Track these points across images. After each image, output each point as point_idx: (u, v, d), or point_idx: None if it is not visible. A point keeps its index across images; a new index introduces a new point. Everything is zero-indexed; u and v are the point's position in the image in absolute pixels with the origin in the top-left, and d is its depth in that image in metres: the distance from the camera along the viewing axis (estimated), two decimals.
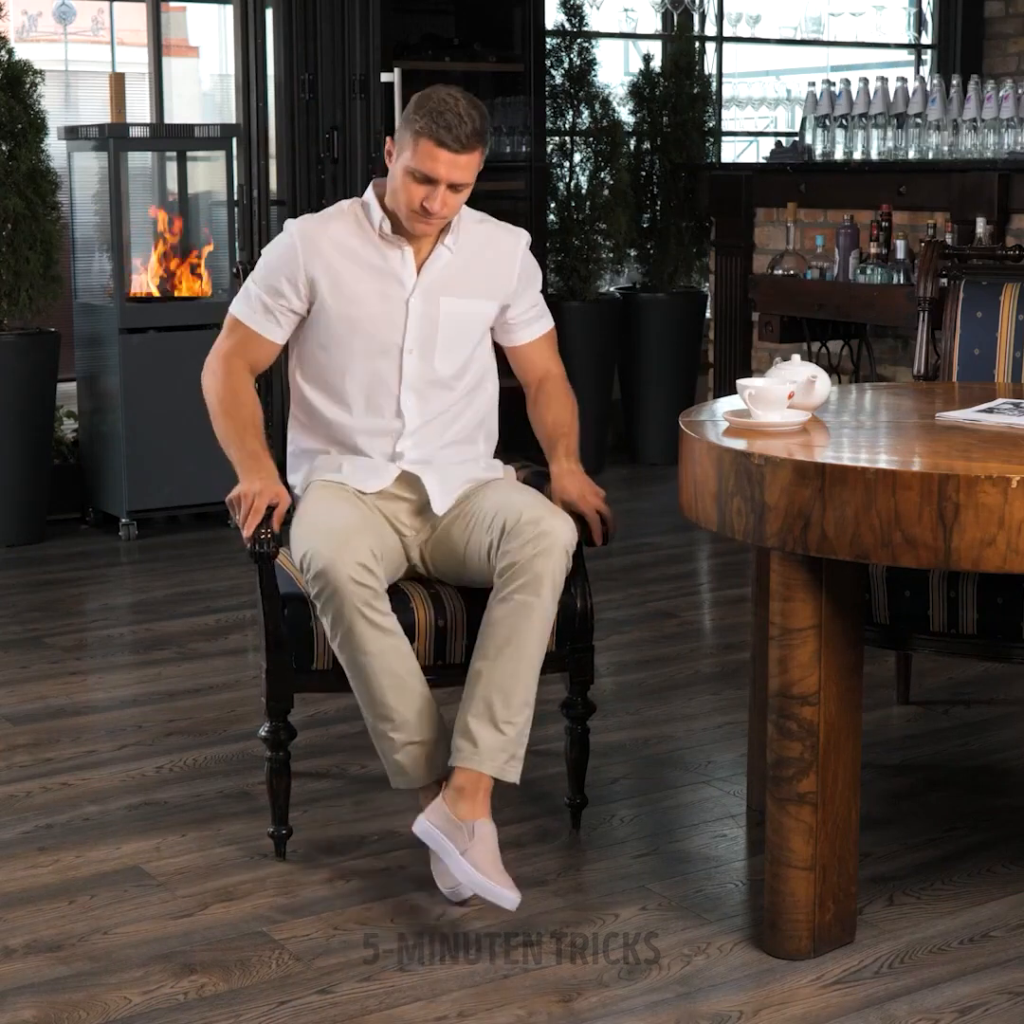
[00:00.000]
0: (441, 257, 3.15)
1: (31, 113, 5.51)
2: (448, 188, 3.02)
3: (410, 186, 3.02)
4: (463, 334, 3.18)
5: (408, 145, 3.01)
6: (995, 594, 2.97)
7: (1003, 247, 3.80)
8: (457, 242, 3.16)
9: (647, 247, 7.15)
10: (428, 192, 3.01)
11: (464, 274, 3.17)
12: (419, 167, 3.00)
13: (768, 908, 2.78)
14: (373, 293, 3.13)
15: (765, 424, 2.82)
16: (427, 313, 3.14)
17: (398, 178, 3.04)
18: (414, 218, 3.06)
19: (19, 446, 5.54)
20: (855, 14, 8.23)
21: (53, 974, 2.72)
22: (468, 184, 3.05)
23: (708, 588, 5.30)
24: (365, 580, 2.91)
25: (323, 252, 3.12)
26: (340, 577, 2.89)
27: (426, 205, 3.02)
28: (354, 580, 2.89)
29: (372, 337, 3.13)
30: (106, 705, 4.07)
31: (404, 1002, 2.63)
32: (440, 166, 2.99)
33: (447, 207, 3.04)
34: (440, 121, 3.00)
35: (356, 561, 2.90)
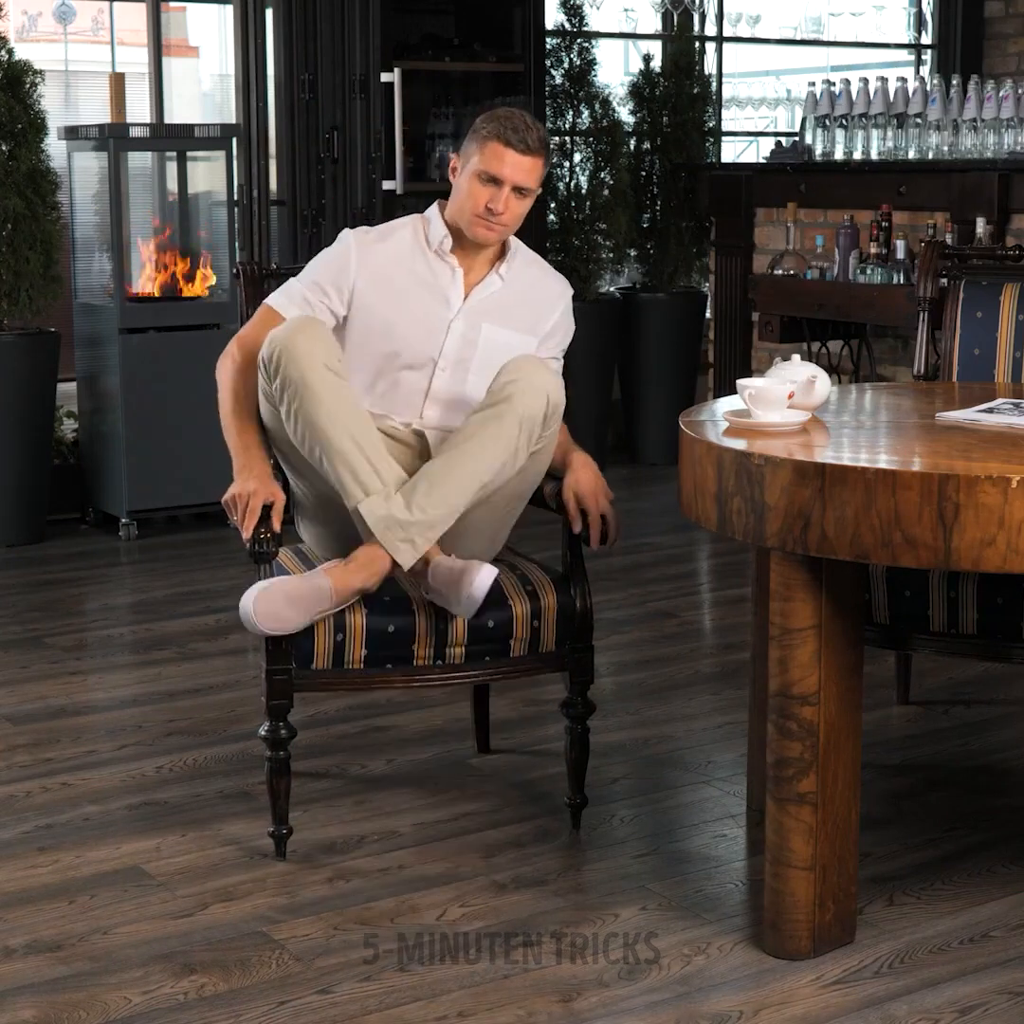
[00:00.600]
0: (492, 284, 3.25)
1: (31, 113, 5.51)
2: (513, 192, 3.13)
3: (476, 189, 3.14)
4: (499, 363, 3.20)
5: (475, 151, 3.15)
6: (995, 594, 2.97)
7: (1003, 247, 3.80)
8: (509, 273, 3.26)
9: (647, 247, 7.15)
10: (493, 193, 3.13)
11: (509, 306, 3.26)
12: (486, 168, 3.13)
13: (768, 908, 2.78)
14: (418, 305, 3.21)
15: (765, 424, 2.82)
16: (467, 335, 3.22)
17: (464, 185, 3.17)
18: (477, 223, 3.15)
19: (19, 446, 5.54)
20: (855, 14, 8.23)
21: (53, 974, 2.72)
22: (532, 191, 3.17)
23: (708, 588, 5.30)
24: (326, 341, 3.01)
25: (375, 263, 3.21)
26: (297, 338, 2.98)
27: (491, 206, 3.13)
28: (312, 340, 2.98)
29: (408, 347, 3.20)
30: (106, 705, 4.07)
31: (404, 1002, 2.63)
32: (506, 166, 3.12)
33: (510, 212, 3.15)
34: (508, 124, 3.14)
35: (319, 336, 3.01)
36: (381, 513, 2.98)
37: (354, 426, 3.01)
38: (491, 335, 3.23)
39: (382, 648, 3.05)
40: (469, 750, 3.67)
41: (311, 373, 2.98)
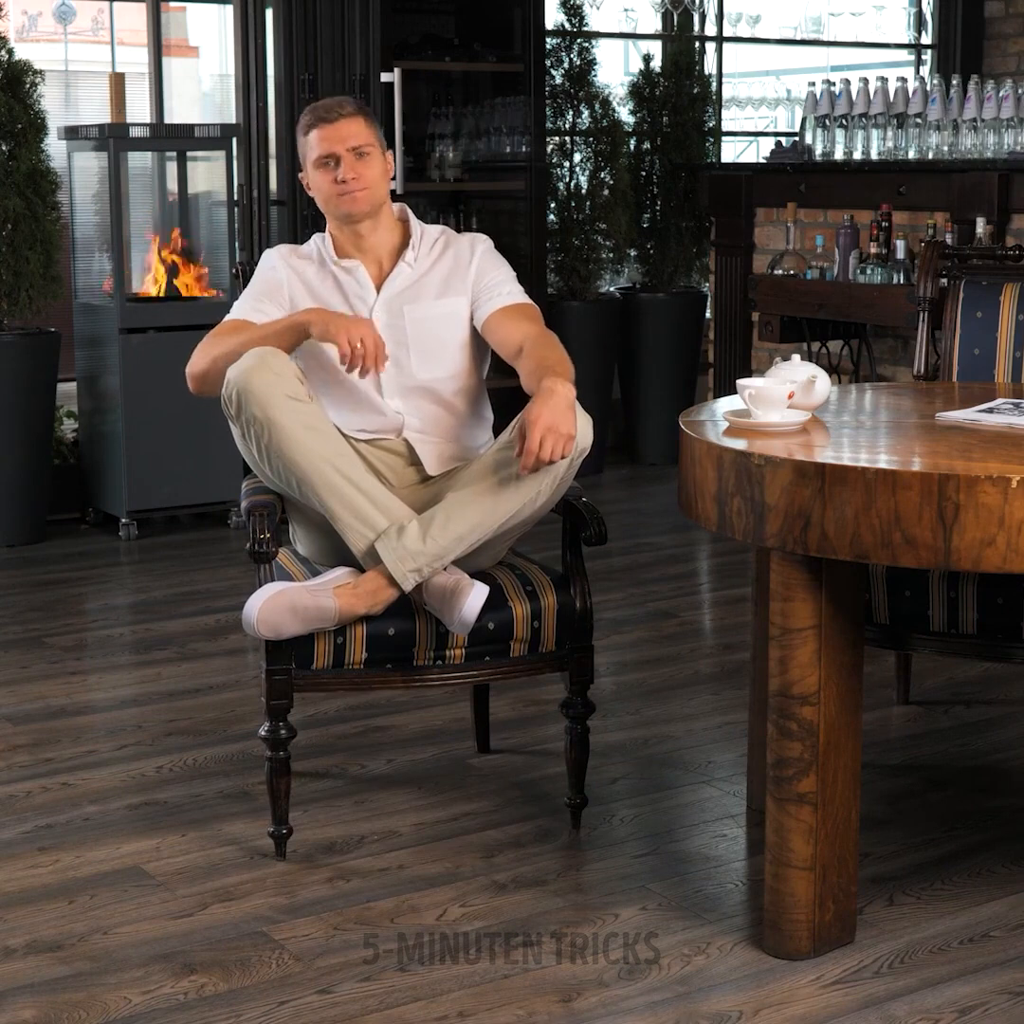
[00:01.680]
0: (402, 273, 3.26)
1: (31, 113, 5.51)
2: (352, 155, 3.18)
3: (321, 176, 3.22)
4: (435, 339, 3.24)
5: (306, 151, 3.24)
6: (995, 594, 2.97)
7: (1003, 247, 3.80)
8: (417, 259, 3.28)
9: (647, 247, 7.15)
10: (335, 170, 3.19)
11: (423, 282, 3.27)
12: (319, 152, 3.21)
13: (768, 908, 2.78)
14: (340, 308, 3.22)
15: (765, 424, 2.82)
16: (392, 323, 3.22)
17: (315, 181, 3.24)
18: (340, 201, 3.21)
19: (19, 446, 5.54)
20: (855, 14, 8.23)
21: (53, 974, 2.72)
22: (369, 146, 3.21)
23: (708, 588, 5.30)
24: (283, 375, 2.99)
25: (298, 275, 3.27)
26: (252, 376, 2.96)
27: (339, 178, 3.18)
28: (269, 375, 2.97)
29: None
30: (106, 705, 4.07)
31: (404, 1002, 2.63)
32: (331, 142, 3.20)
33: (360, 175, 3.19)
34: (316, 111, 3.24)
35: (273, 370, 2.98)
36: (394, 548, 2.98)
37: (334, 456, 3.01)
38: (414, 314, 3.24)
39: (382, 651, 3.05)
40: (469, 750, 3.68)
41: (273, 409, 2.97)
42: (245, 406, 2.98)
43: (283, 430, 2.98)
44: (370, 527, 3.01)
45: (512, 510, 3.02)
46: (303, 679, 3.05)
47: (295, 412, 2.98)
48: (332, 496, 3.00)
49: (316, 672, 3.05)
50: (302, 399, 3.01)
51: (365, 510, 3.01)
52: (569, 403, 2.94)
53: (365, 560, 3.02)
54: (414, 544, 2.98)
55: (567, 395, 2.95)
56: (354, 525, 3.01)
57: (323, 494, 3.01)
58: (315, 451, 2.99)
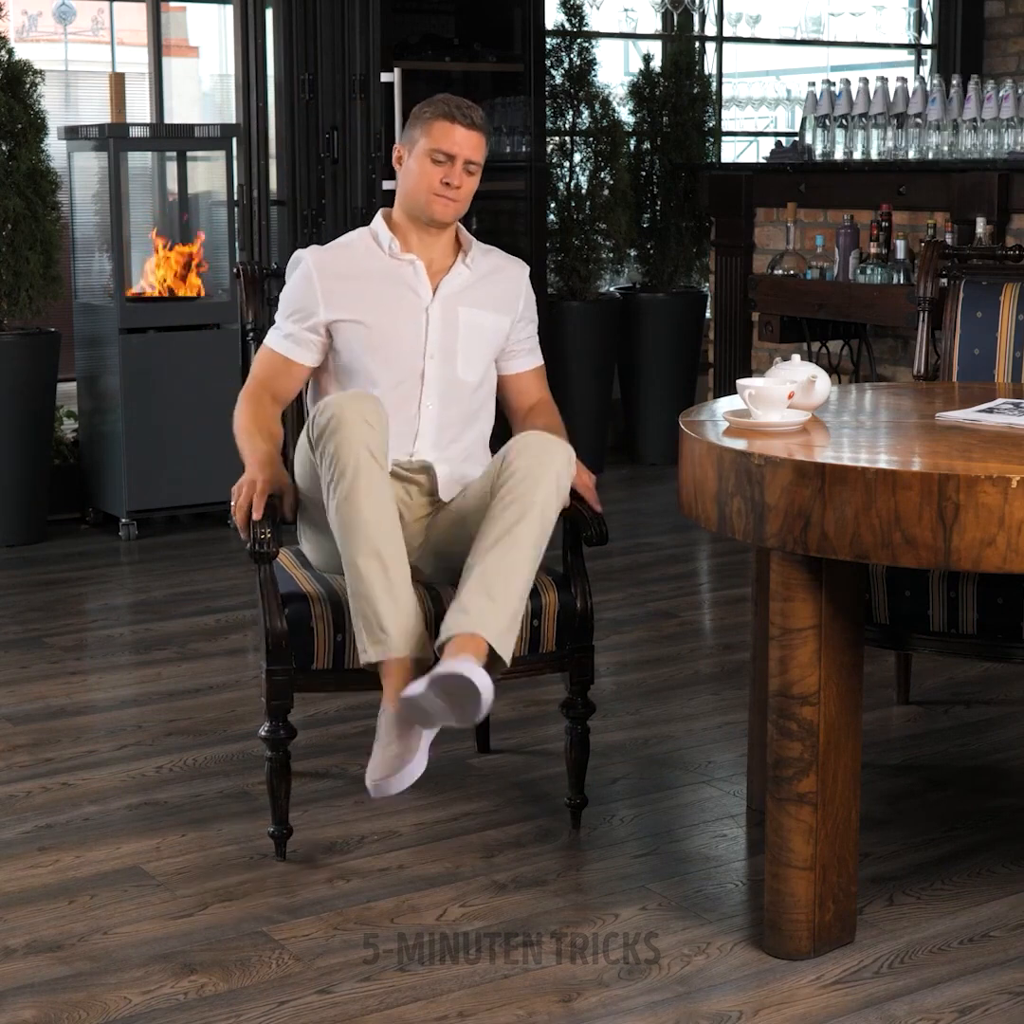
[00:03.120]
0: (460, 274, 3.30)
1: (31, 113, 5.51)
2: (464, 166, 3.21)
3: (429, 168, 3.21)
4: (481, 345, 3.30)
5: (422, 134, 3.22)
6: (995, 594, 2.97)
7: (1003, 247, 3.80)
8: (474, 263, 3.32)
9: (647, 247, 7.15)
10: (447, 170, 3.21)
11: (479, 290, 3.31)
12: (437, 146, 3.20)
13: (768, 908, 2.78)
14: (391, 304, 3.25)
15: (765, 424, 2.82)
16: (446, 319, 3.26)
17: (415, 167, 3.23)
18: (435, 200, 3.21)
19: (19, 446, 5.54)
20: (855, 14, 8.23)
21: (53, 974, 2.72)
22: (479, 166, 3.25)
23: (708, 588, 5.30)
24: (375, 425, 2.98)
25: (336, 272, 3.25)
26: (349, 411, 2.96)
27: (447, 180, 3.20)
28: (365, 420, 2.96)
29: (393, 346, 3.23)
30: (106, 705, 4.07)
31: (404, 1002, 2.63)
32: (456, 142, 3.20)
33: (464, 187, 3.22)
34: (451, 103, 3.26)
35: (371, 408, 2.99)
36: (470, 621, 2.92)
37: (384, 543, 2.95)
38: (469, 317, 3.28)
39: None
40: (469, 750, 3.68)
41: (357, 460, 2.94)
42: (334, 446, 2.96)
43: (356, 493, 2.95)
44: (375, 640, 2.94)
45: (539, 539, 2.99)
46: (303, 679, 3.05)
47: (370, 478, 2.95)
48: (360, 583, 2.95)
49: (316, 672, 3.05)
50: (380, 459, 2.98)
51: (379, 620, 2.93)
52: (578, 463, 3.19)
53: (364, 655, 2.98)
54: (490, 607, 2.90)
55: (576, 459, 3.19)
56: (361, 630, 2.96)
57: (354, 573, 2.96)
58: (369, 530, 2.95)
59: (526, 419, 3.39)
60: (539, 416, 3.38)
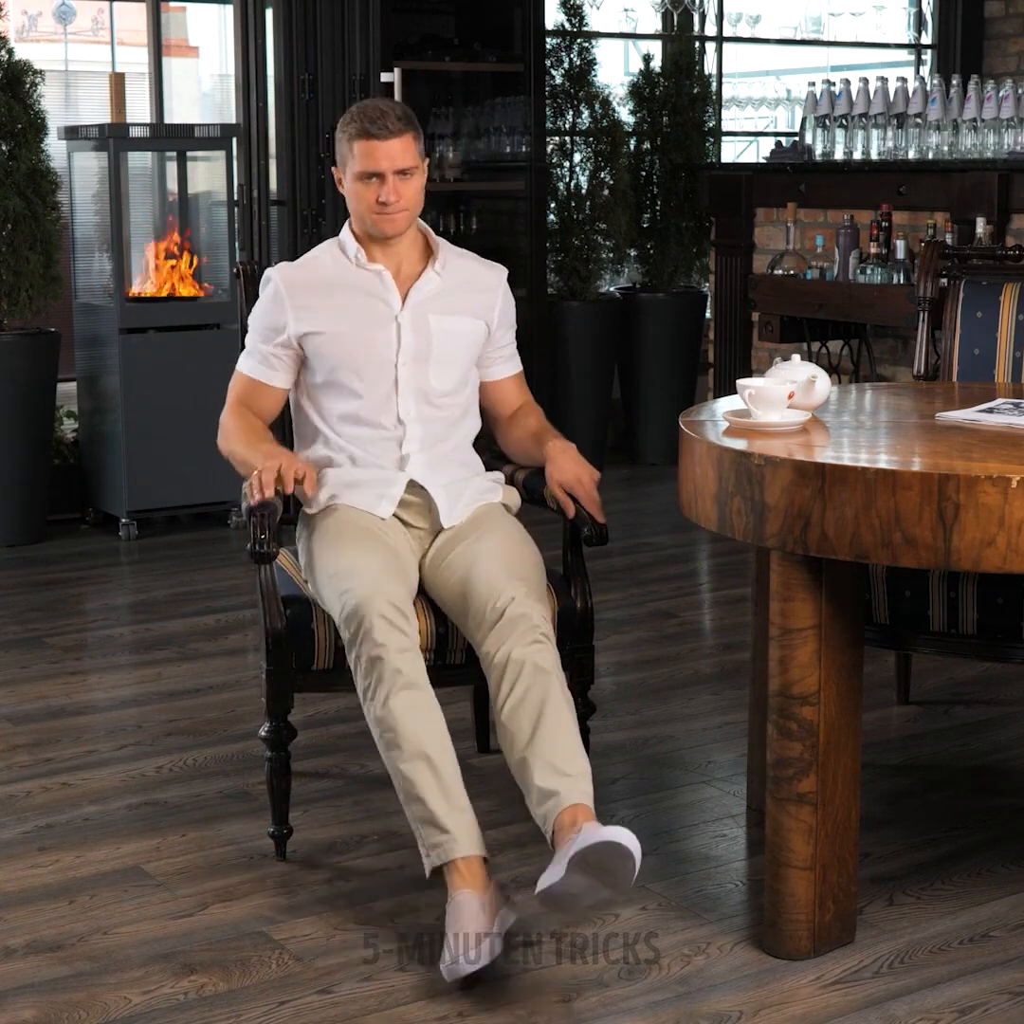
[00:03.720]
0: (430, 281, 3.25)
1: (31, 113, 5.51)
2: (396, 176, 3.14)
3: (362, 190, 3.16)
4: (457, 351, 3.24)
5: (347, 156, 3.18)
6: (995, 594, 2.97)
7: (1003, 247, 3.80)
8: (445, 268, 3.27)
9: (647, 247, 7.15)
10: (378, 188, 3.15)
11: (451, 296, 3.26)
12: (363, 168, 3.15)
13: (768, 908, 2.78)
14: (361, 315, 3.21)
15: (765, 424, 2.82)
16: (417, 327, 3.21)
17: (351, 190, 3.19)
18: (378, 220, 3.17)
19: (19, 446, 5.54)
20: (855, 14, 8.22)
21: (53, 974, 2.72)
22: (414, 168, 3.17)
23: (708, 588, 5.30)
24: (400, 625, 2.87)
25: (307, 290, 3.22)
26: (374, 617, 2.85)
27: (382, 200, 3.14)
28: (389, 622, 2.85)
29: (364, 356, 3.19)
30: (106, 705, 4.07)
31: (404, 1002, 2.63)
32: (379, 159, 3.13)
33: (402, 196, 3.16)
34: (365, 118, 3.14)
35: (389, 602, 2.88)
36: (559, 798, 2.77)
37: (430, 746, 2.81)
38: (441, 324, 3.23)
39: None
40: (469, 750, 3.67)
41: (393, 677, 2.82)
42: (360, 650, 2.86)
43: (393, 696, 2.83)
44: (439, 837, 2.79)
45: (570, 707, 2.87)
46: (303, 679, 3.05)
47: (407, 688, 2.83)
48: (409, 786, 2.82)
49: (316, 672, 3.05)
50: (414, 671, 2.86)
51: (437, 821, 2.80)
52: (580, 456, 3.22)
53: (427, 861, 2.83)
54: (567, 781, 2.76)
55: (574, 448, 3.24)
56: (425, 834, 2.81)
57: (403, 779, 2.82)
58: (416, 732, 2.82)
59: (511, 422, 3.35)
60: (526, 416, 3.35)
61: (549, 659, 2.87)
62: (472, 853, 2.77)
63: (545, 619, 2.93)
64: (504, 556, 3.04)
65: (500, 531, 3.12)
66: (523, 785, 2.80)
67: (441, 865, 2.77)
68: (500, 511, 3.21)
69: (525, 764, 2.80)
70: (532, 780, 2.77)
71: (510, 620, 2.88)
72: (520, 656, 2.85)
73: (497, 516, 3.18)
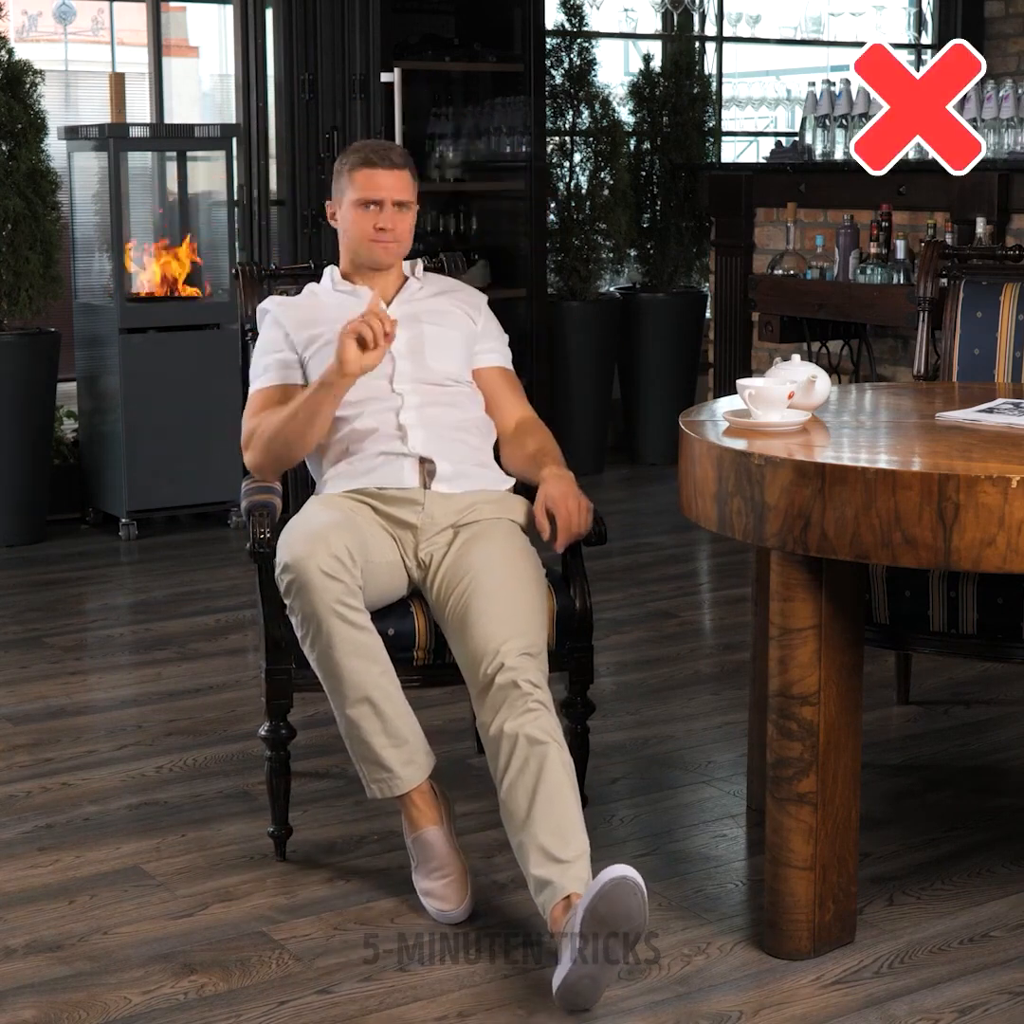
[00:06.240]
0: (410, 287, 3.31)
1: (31, 113, 5.51)
2: (394, 207, 3.21)
3: (359, 217, 3.22)
4: (450, 348, 3.26)
5: (347, 185, 3.24)
6: (995, 594, 2.97)
7: (1003, 247, 3.80)
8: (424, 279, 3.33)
9: (647, 247, 7.15)
10: (377, 216, 3.21)
11: (437, 296, 3.32)
12: (363, 195, 3.21)
13: (768, 908, 2.78)
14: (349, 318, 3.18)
15: (765, 424, 2.82)
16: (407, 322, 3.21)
17: (348, 218, 3.24)
18: (373, 246, 3.23)
19: (19, 446, 5.54)
20: (855, 14, 8.22)
21: (53, 974, 2.72)
22: (411, 203, 3.25)
23: (708, 588, 5.30)
24: (337, 574, 2.88)
25: (297, 313, 3.26)
26: (310, 569, 2.87)
27: (380, 226, 3.20)
28: (325, 573, 2.87)
29: None
30: (106, 705, 4.07)
31: (404, 1002, 2.63)
32: (381, 187, 3.21)
33: (398, 226, 3.22)
34: (367, 149, 3.25)
35: (329, 554, 2.88)
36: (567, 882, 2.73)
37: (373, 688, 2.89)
38: (433, 333, 3.25)
39: None
40: (469, 750, 3.67)
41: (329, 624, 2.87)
42: (297, 601, 2.90)
43: (330, 648, 2.88)
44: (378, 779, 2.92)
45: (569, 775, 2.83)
46: (303, 679, 3.05)
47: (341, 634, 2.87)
48: (354, 730, 2.91)
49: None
50: (356, 606, 2.89)
51: (382, 759, 2.91)
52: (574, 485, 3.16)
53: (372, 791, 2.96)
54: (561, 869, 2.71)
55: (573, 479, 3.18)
56: (368, 771, 2.93)
57: (345, 722, 2.92)
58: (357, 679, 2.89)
59: (513, 440, 3.29)
60: (526, 435, 3.28)
61: (543, 727, 2.80)
62: (418, 783, 2.93)
63: (537, 681, 2.85)
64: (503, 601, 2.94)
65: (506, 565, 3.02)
66: (523, 870, 2.78)
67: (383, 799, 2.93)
68: (511, 529, 3.14)
69: (522, 849, 2.77)
70: (528, 868, 2.75)
71: (500, 688, 2.83)
72: (513, 729, 2.80)
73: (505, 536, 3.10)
